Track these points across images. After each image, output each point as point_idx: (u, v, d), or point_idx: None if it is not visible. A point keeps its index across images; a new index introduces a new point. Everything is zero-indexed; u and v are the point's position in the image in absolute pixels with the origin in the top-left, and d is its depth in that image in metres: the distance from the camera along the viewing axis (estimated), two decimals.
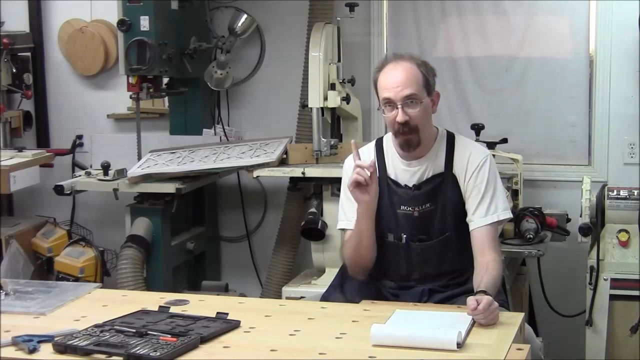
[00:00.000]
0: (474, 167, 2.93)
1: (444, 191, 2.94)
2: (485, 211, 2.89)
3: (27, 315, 2.67)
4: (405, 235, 2.96)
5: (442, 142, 2.98)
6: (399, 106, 2.84)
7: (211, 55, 4.68)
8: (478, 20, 4.46)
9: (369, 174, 2.81)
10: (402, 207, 2.95)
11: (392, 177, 2.98)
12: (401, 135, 2.88)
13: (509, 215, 2.97)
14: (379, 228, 2.98)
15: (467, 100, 4.50)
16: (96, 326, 2.46)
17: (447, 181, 2.94)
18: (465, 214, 2.93)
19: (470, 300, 2.53)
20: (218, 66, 4.60)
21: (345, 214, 3.03)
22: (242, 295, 4.37)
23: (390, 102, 2.86)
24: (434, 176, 2.95)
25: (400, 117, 2.84)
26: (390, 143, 3.01)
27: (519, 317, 2.62)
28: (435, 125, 3.01)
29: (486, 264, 2.81)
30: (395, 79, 2.85)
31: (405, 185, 2.96)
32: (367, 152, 3.04)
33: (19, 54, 4.90)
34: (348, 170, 3.02)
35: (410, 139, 2.88)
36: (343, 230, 3.05)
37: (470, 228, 2.91)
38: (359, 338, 2.44)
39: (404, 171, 2.97)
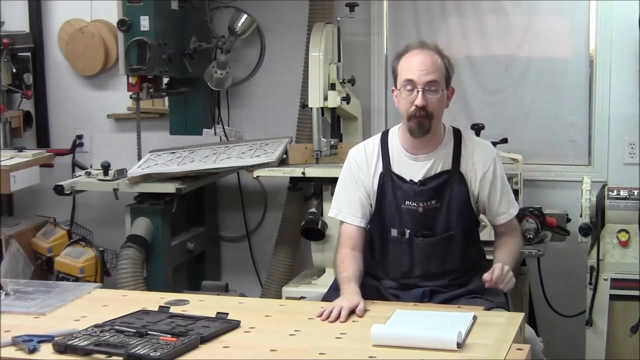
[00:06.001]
0: (486, 168, 2.96)
1: (450, 188, 2.93)
2: (507, 206, 3.01)
3: (27, 315, 2.67)
4: (408, 231, 2.95)
5: (450, 139, 2.98)
6: (420, 90, 2.84)
7: (211, 55, 4.68)
8: (478, 20, 4.45)
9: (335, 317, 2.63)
10: (406, 203, 2.94)
11: (396, 171, 2.96)
12: (415, 118, 2.87)
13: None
14: (382, 224, 2.98)
15: (467, 100, 4.49)
16: (96, 326, 2.46)
17: (454, 178, 2.94)
18: (471, 213, 2.94)
19: (485, 275, 2.73)
20: (218, 66, 4.60)
21: (337, 204, 3.06)
22: (242, 295, 4.36)
23: (411, 84, 2.85)
24: (440, 173, 2.94)
25: (419, 101, 2.84)
26: (395, 137, 3.00)
27: (519, 317, 2.62)
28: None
29: (505, 241, 2.98)
30: (421, 63, 2.86)
31: (411, 180, 2.94)
32: (372, 145, 3.04)
33: (19, 54, 4.89)
34: (351, 159, 3.05)
35: (424, 122, 2.86)
36: (341, 222, 3.05)
37: (497, 223, 3.02)
38: (359, 338, 2.44)
39: (409, 166, 2.96)
